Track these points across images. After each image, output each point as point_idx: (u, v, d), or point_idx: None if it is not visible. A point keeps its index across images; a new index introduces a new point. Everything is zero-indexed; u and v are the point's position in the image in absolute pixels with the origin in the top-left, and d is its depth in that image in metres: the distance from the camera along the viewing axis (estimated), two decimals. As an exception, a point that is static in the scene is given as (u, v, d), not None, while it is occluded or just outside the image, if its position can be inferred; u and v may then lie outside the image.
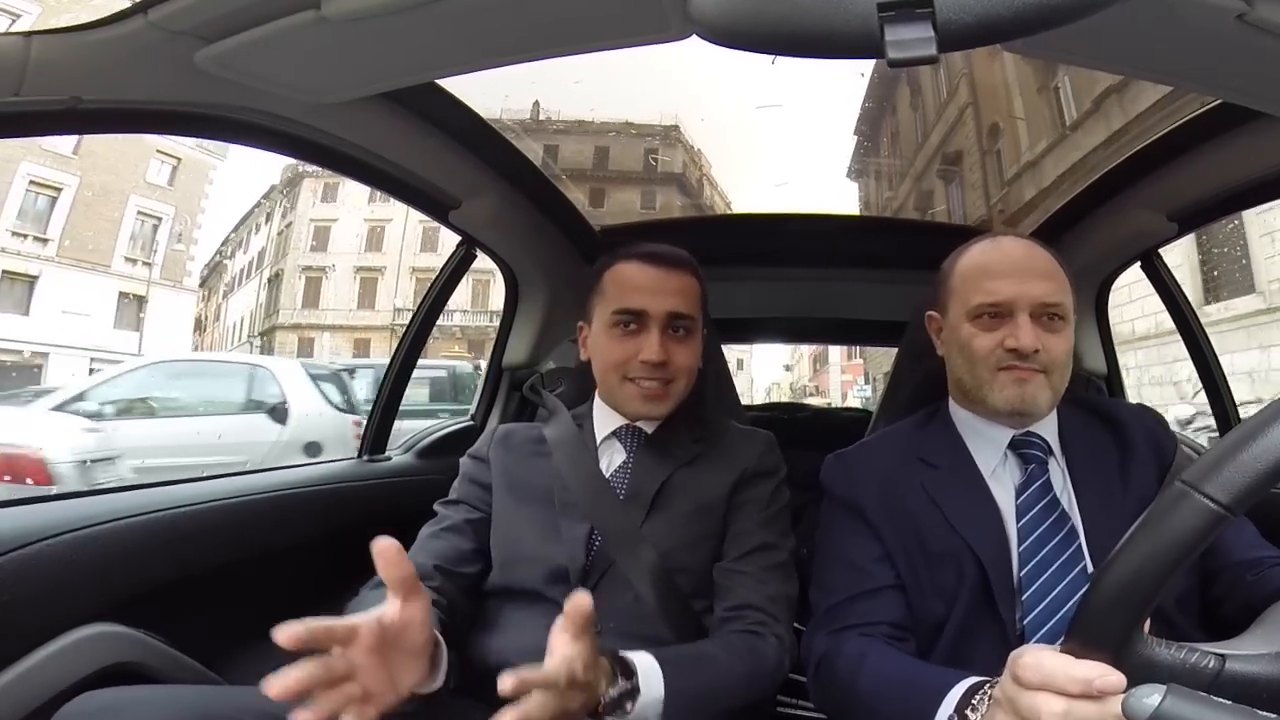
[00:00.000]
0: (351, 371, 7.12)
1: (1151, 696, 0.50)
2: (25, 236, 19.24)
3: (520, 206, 1.53)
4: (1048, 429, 1.02)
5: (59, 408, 5.32)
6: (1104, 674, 0.54)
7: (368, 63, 0.92)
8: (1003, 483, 0.99)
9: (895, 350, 1.44)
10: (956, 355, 1.03)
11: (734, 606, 1.01)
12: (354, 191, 28.04)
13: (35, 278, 19.35)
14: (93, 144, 19.43)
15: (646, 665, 0.82)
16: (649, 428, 1.15)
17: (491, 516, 1.12)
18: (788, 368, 49.79)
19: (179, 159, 22.58)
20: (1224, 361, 1.61)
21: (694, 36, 0.72)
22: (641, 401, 1.10)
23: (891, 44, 0.55)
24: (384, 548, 0.69)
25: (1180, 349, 1.66)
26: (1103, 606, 0.55)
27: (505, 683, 0.65)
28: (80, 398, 5.58)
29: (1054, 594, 0.89)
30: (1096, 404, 1.10)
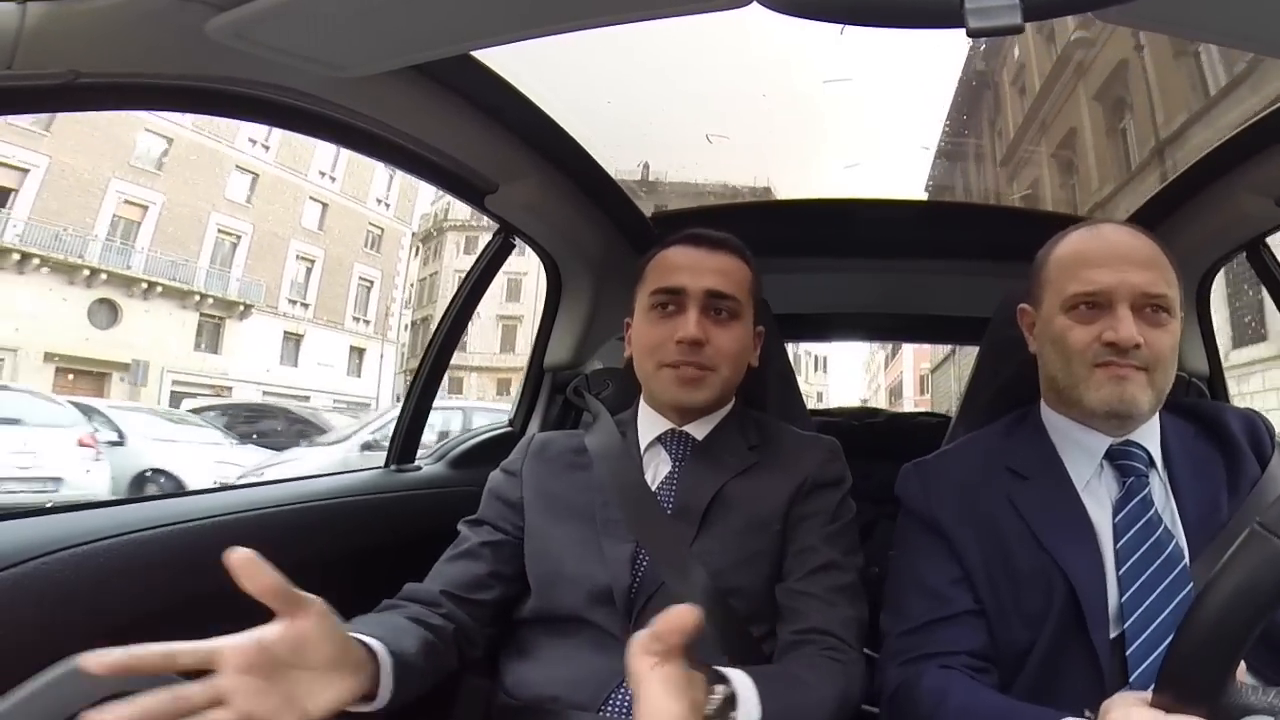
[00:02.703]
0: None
1: None
2: (295, 302, 26.71)
3: (564, 191, 1.49)
4: (1149, 437, 0.98)
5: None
6: None
7: (396, 32, 0.88)
8: (1098, 497, 0.96)
9: (956, 393, 1.34)
10: (1050, 350, 0.99)
11: (804, 630, 0.97)
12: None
13: (302, 336, 26.68)
14: (331, 221, 27.34)
15: (740, 680, 0.79)
16: (698, 433, 1.12)
17: (516, 538, 1.10)
18: (864, 401, 52.96)
19: (383, 229, 29.85)
20: None
21: (754, 4, 0.68)
22: (677, 387, 1.07)
23: (972, 12, 0.53)
24: (238, 560, 0.68)
25: None
26: (1190, 657, 0.56)
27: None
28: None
29: (1159, 621, 0.86)
30: (1199, 409, 1.06)
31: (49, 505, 0.98)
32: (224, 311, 23.98)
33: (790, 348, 1.58)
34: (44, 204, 19.65)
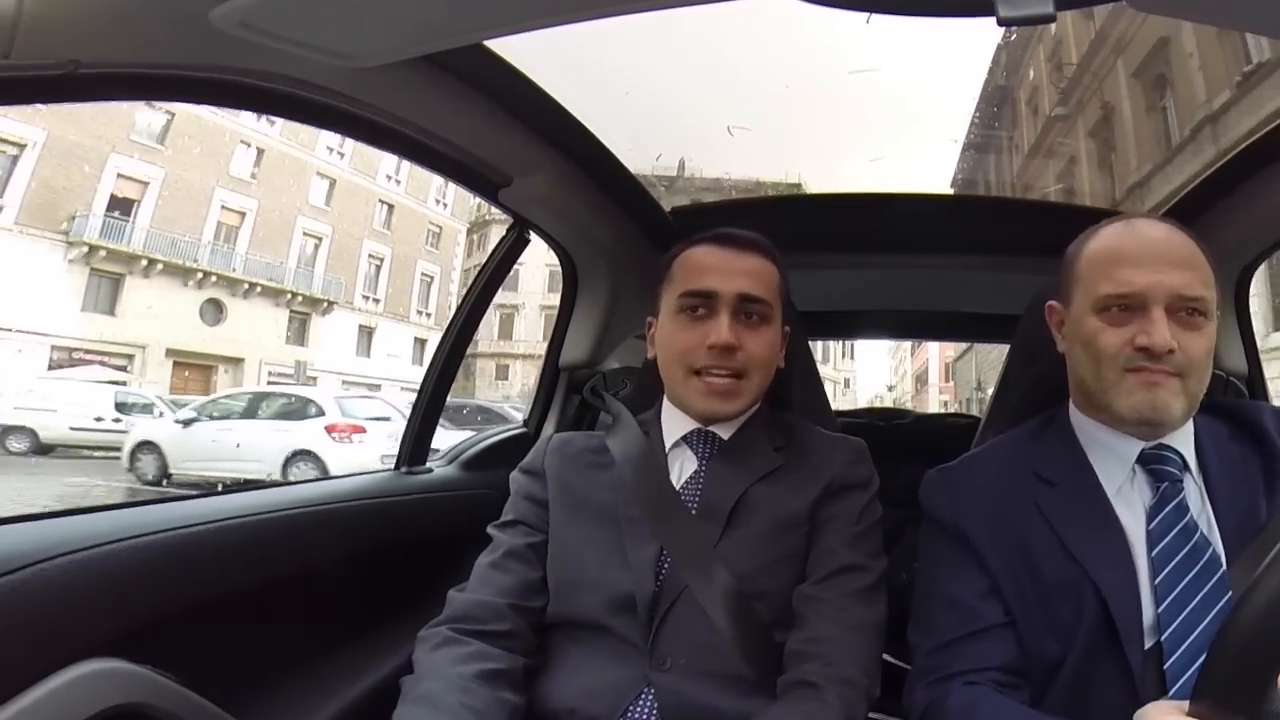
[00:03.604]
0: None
1: None
2: (369, 298, 28.18)
3: (580, 184, 1.42)
4: (1183, 441, 0.92)
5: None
6: None
7: (407, 21, 0.83)
8: (1130, 503, 0.90)
9: (975, 369, 1.24)
10: (1079, 352, 0.92)
11: (806, 640, 0.93)
12: (536, 238, 37.82)
13: (374, 329, 28.01)
14: (397, 221, 28.70)
15: None
16: (724, 433, 1.06)
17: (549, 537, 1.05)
18: (890, 387, 54.40)
19: (441, 227, 31.19)
20: None
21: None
22: (708, 398, 1.01)
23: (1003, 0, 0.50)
24: None
25: None
26: (1229, 666, 0.54)
27: None
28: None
29: (1197, 633, 0.81)
30: (1234, 409, 1.00)
31: (49, 510, 0.93)
32: (309, 308, 25.53)
33: (818, 335, 1.50)
34: (161, 213, 21.28)
